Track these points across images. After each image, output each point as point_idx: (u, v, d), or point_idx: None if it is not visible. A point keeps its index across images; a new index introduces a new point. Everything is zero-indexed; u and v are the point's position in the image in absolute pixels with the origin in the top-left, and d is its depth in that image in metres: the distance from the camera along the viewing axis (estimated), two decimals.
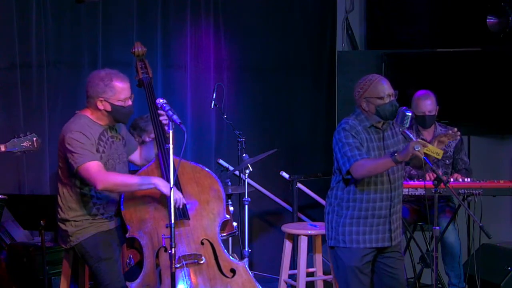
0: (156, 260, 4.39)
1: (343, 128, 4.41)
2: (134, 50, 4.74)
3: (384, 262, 4.53)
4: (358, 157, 4.31)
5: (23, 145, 4.56)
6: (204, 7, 6.86)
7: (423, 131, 6.00)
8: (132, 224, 4.41)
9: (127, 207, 4.43)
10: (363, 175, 4.34)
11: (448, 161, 6.01)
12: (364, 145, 4.41)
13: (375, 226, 4.44)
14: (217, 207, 4.57)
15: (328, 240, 4.54)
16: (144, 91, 4.70)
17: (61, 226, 4.47)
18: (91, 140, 4.36)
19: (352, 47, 7.82)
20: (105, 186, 4.31)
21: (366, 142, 4.43)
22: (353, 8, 7.83)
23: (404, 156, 4.22)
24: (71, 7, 6.11)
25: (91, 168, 4.30)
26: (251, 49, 7.22)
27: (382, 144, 4.49)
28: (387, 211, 4.46)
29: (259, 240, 7.18)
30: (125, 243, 4.55)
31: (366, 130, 4.45)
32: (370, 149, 4.43)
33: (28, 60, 5.87)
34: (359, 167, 4.31)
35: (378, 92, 4.45)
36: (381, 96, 4.44)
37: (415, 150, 4.16)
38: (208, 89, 6.70)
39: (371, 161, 4.34)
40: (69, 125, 4.42)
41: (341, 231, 4.44)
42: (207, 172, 4.65)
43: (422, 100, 5.91)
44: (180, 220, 4.40)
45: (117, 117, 4.47)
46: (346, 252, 4.44)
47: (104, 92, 4.40)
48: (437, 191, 4.56)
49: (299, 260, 5.50)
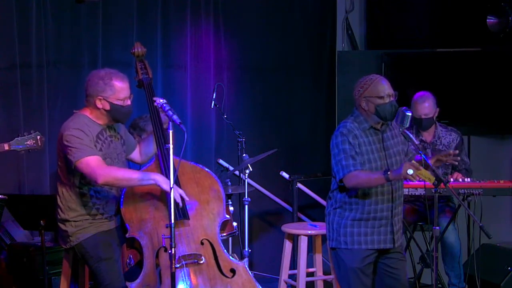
0: (156, 260, 4.39)
1: (340, 133, 4.41)
2: (134, 50, 4.74)
3: (385, 262, 4.53)
4: (352, 168, 4.31)
5: (27, 143, 4.56)
6: (204, 7, 6.87)
7: (423, 132, 6.01)
8: (132, 224, 4.41)
9: (127, 207, 4.43)
10: (355, 186, 4.35)
11: (448, 161, 6.00)
12: (363, 148, 4.41)
13: (377, 227, 4.44)
14: (217, 207, 4.57)
15: (329, 241, 4.54)
16: (144, 91, 4.69)
17: (61, 226, 4.47)
18: (90, 137, 4.36)
19: (352, 47, 7.83)
20: (106, 180, 4.29)
21: (364, 145, 4.43)
22: (353, 8, 7.84)
23: (396, 176, 4.25)
24: (71, 7, 6.12)
25: (91, 162, 4.29)
26: (251, 49, 7.22)
27: (382, 146, 4.48)
28: (388, 213, 4.45)
29: (259, 240, 7.19)
30: (125, 243, 4.55)
31: (364, 132, 4.45)
32: (369, 152, 4.42)
33: (28, 60, 5.88)
34: (352, 178, 4.32)
35: (378, 91, 4.45)
36: (381, 96, 4.44)
37: (408, 174, 4.18)
38: (208, 89, 6.71)
39: (364, 175, 4.34)
40: (68, 124, 4.42)
41: (343, 232, 4.44)
42: (207, 172, 4.65)
43: (419, 103, 5.91)
44: (180, 220, 4.40)
45: (116, 117, 4.46)
46: (348, 253, 4.43)
47: (104, 91, 4.40)
48: (437, 191, 4.56)
49: (299, 260, 5.50)
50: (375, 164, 4.44)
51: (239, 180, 6.36)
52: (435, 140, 6.02)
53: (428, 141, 6.01)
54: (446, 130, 6.07)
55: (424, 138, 6.00)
